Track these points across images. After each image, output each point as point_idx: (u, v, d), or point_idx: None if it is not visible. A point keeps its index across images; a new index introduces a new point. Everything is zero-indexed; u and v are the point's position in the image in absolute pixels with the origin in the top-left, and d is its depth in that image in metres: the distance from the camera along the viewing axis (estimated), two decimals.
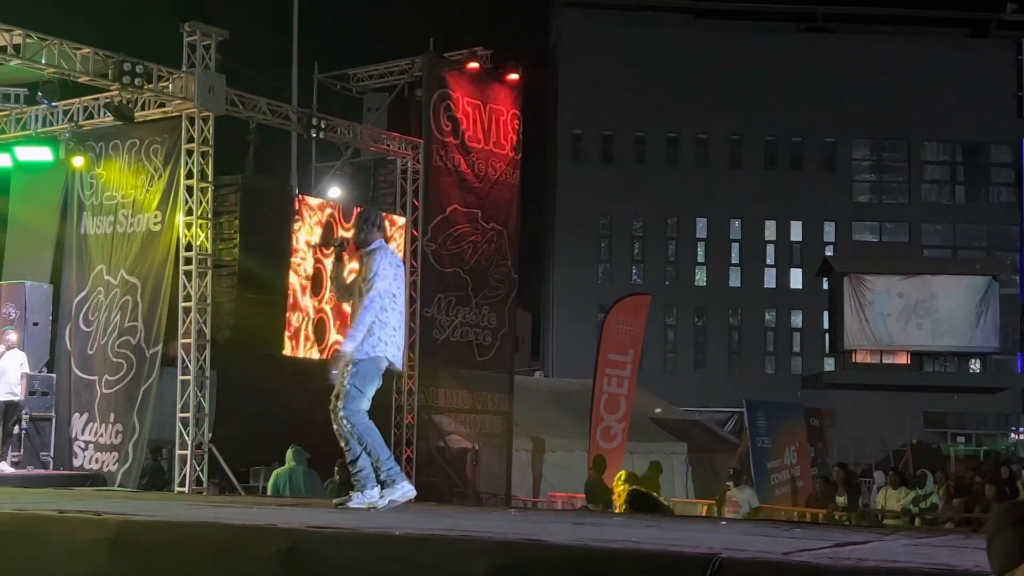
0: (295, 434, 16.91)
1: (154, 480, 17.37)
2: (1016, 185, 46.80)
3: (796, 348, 45.83)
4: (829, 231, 45.94)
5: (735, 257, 45.71)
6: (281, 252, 17.56)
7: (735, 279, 45.66)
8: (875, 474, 24.95)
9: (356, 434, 7.76)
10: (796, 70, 44.48)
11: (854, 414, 35.78)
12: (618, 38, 44.15)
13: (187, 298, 15.87)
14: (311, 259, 17.91)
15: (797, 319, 45.87)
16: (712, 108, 44.10)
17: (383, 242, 8.08)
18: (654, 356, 43.67)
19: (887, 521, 17.91)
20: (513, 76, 20.21)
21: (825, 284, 45.14)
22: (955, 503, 19.43)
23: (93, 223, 17.30)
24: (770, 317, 45.78)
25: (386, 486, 7.71)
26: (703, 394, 40.29)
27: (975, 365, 45.47)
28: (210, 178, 16.13)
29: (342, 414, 7.74)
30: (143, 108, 16.37)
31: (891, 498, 19.22)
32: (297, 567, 5.36)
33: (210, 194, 16.13)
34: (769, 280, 45.83)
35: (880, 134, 46.04)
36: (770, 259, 45.85)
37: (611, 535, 5.96)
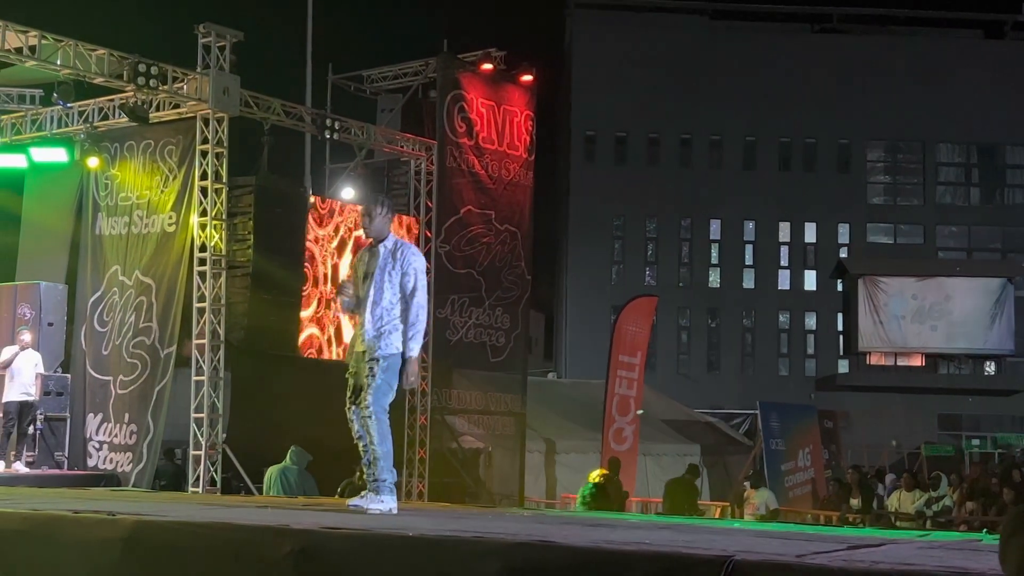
0: (308, 435, 16.94)
1: (173, 482, 17.25)
2: None
3: (810, 350, 45.71)
4: (843, 233, 45.81)
5: (749, 259, 45.61)
6: (295, 253, 17.60)
7: (749, 281, 45.56)
8: (886, 476, 24.88)
9: (382, 432, 7.52)
10: (811, 71, 44.37)
11: (868, 416, 35.75)
12: (632, 39, 44.10)
13: (201, 299, 15.91)
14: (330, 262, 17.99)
15: (811, 321, 45.75)
16: (726, 109, 44.03)
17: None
18: (668, 358, 43.67)
19: (901, 524, 17.86)
20: (527, 77, 20.23)
21: (839, 286, 45.03)
22: (969, 506, 19.37)
23: (108, 224, 17.36)
24: (784, 319, 45.67)
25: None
26: (717, 396, 40.22)
27: (990, 367, 45.31)
28: (224, 179, 16.17)
29: (372, 409, 7.46)
30: (158, 109, 16.42)
31: (905, 500, 19.17)
32: (310, 568, 5.36)
33: (224, 195, 16.17)
34: (783, 282, 45.71)
35: (895, 135, 45.90)
36: (784, 261, 45.73)
37: (624, 537, 5.96)
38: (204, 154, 16.02)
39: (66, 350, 17.42)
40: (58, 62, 15.05)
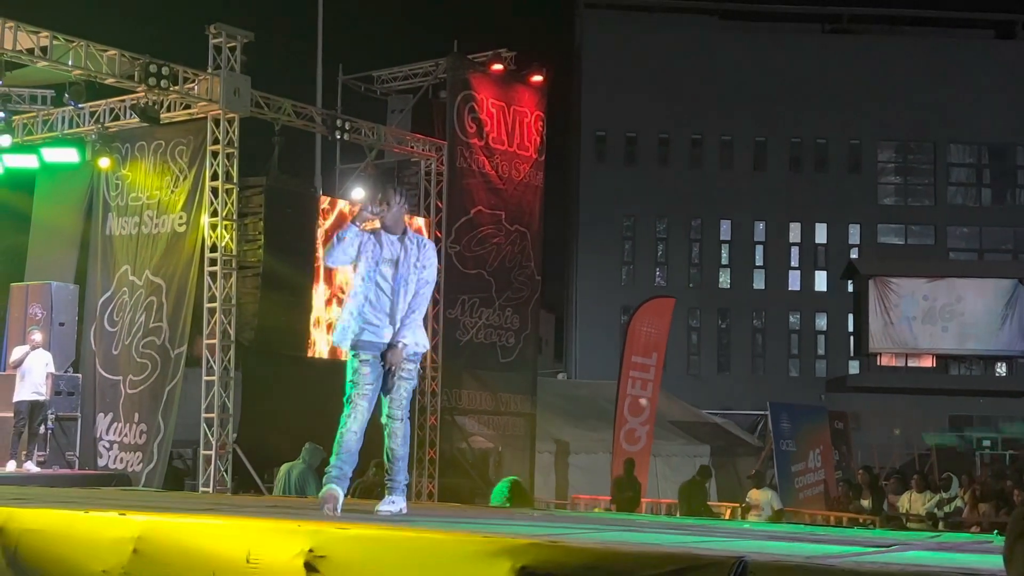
0: (319, 434, 16.94)
1: (172, 482, 17.25)
2: None
3: (820, 351, 45.63)
4: (854, 233, 45.71)
5: (759, 259, 45.54)
6: (305, 253, 17.62)
7: (759, 281, 45.49)
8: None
9: (407, 434, 7.32)
10: (821, 72, 44.29)
11: (879, 417, 35.65)
12: (642, 40, 44.07)
13: (212, 299, 15.94)
14: None
15: (822, 322, 45.66)
16: (736, 110, 43.98)
17: None
18: (678, 359, 43.57)
19: (911, 525, 17.83)
20: (537, 78, 20.24)
21: (850, 287, 44.94)
22: (981, 507, 19.31)
23: (118, 224, 17.40)
24: (794, 320, 45.59)
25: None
26: (727, 397, 40.16)
27: (1001, 368, 45.20)
28: (235, 179, 16.20)
29: (407, 412, 7.26)
30: (169, 110, 16.45)
31: (915, 502, 19.12)
32: (321, 568, 5.37)
33: (235, 195, 16.20)
34: (793, 282, 45.63)
35: (906, 136, 45.80)
36: (794, 261, 45.65)
37: (635, 537, 5.95)
38: (215, 154, 16.05)
39: (77, 350, 17.46)
40: (69, 63, 15.09)
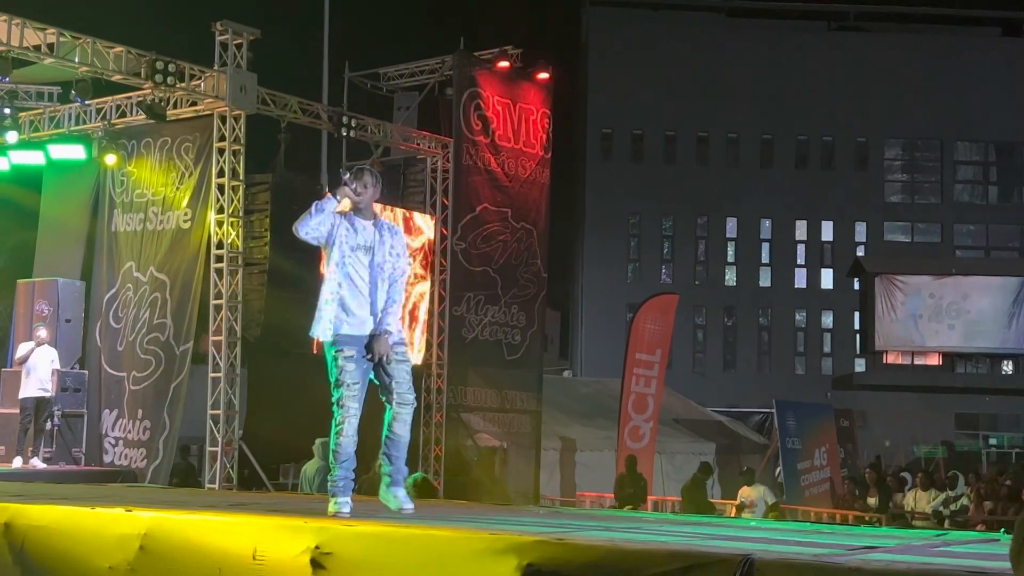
0: (325, 431, 16.93)
1: (185, 480, 17.36)
2: None
3: (827, 349, 45.58)
4: (860, 231, 45.65)
5: (765, 257, 45.49)
6: (311, 250, 17.59)
7: (765, 279, 45.44)
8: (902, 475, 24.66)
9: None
10: (827, 69, 44.22)
11: (885, 415, 35.65)
12: (648, 37, 44.04)
13: (218, 296, 15.95)
14: None
15: (828, 319, 45.61)
16: (743, 107, 43.93)
17: None
18: (683, 356, 43.56)
19: (917, 523, 17.82)
20: (543, 75, 20.21)
21: (856, 284, 44.90)
22: (987, 505, 19.31)
23: (123, 220, 17.42)
24: (800, 317, 45.54)
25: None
26: (733, 394, 40.13)
27: (1007, 366, 45.12)
28: (241, 176, 16.22)
29: (414, 396, 7.08)
30: (175, 107, 16.46)
31: (921, 500, 19.12)
32: (327, 564, 5.38)
33: (241, 192, 16.21)
34: (800, 280, 45.58)
35: (912, 134, 45.73)
36: (801, 259, 45.60)
37: (641, 535, 5.95)
38: (221, 151, 16.06)
39: (83, 346, 17.48)
40: (76, 60, 15.10)
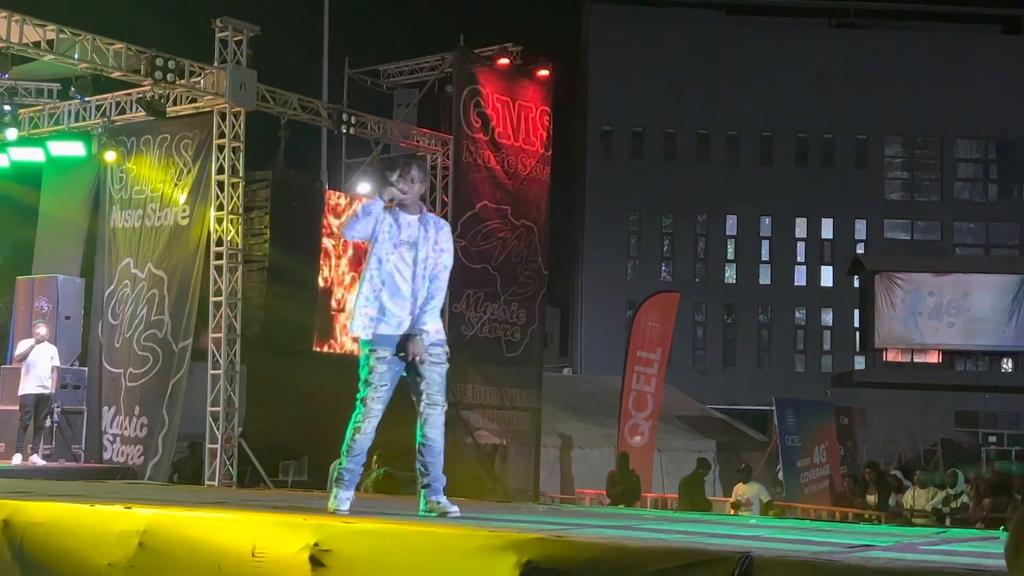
0: (325, 428, 16.94)
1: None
2: None
3: (826, 346, 45.58)
4: (860, 229, 45.65)
5: (765, 254, 45.48)
6: (311, 247, 17.63)
7: (765, 277, 45.44)
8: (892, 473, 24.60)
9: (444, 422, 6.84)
10: (828, 66, 44.20)
11: (885, 413, 35.62)
12: (649, 34, 44.03)
13: (217, 293, 15.95)
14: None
15: (827, 317, 45.60)
16: (743, 105, 43.92)
17: None
18: (683, 354, 43.56)
19: (917, 521, 17.81)
20: (543, 72, 20.19)
21: (856, 282, 44.87)
22: (985, 503, 19.28)
23: (121, 216, 17.42)
24: (800, 315, 45.54)
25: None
26: (732, 392, 40.16)
27: (1007, 364, 45.10)
28: (241, 173, 16.21)
29: (446, 398, 6.85)
30: (175, 103, 16.46)
31: (920, 497, 19.11)
32: (326, 562, 5.37)
33: (241, 189, 16.21)
34: (799, 278, 45.58)
35: (912, 131, 45.73)
36: (800, 257, 45.59)
37: (640, 532, 5.95)
38: (221, 148, 16.06)
39: (83, 343, 17.48)
40: (76, 56, 15.09)
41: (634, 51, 43.80)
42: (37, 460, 15.40)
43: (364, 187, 19.31)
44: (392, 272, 6.78)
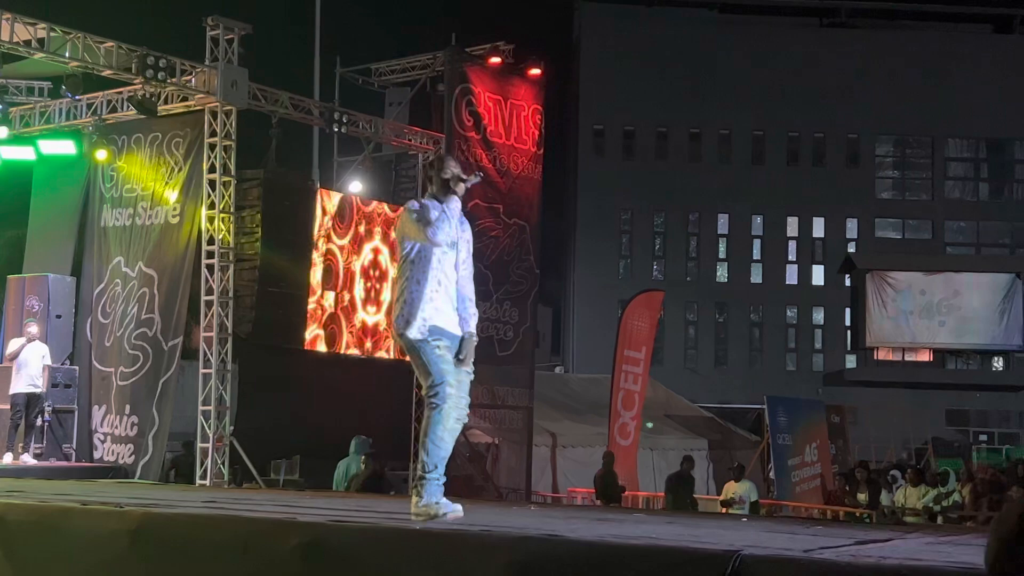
0: (315, 428, 16.96)
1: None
2: None
3: (818, 345, 45.65)
4: (852, 228, 45.73)
5: (757, 253, 45.53)
6: (303, 246, 17.60)
7: (757, 275, 45.49)
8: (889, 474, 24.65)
9: None
10: (819, 65, 44.27)
11: (876, 412, 35.66)
12: (640, 33, 44.04)
13: (209, 291, 15.91)
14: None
15: (819, 316, 45.67)
16: (734, 103, 43.96)
17: None
18: (675, 353, 43.63)
19: (908, 519, 17.84)
20: (535, 71, 20.17)
21: (847, 281, 44.96)
22: (982, 502, 19.31)
23: (112, 215, 17.37)
24: (792, 314, 45.60)
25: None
26: (724, 391, 40.20)
27: (998, 363, 45.21)
28: (232, 172, 16.17)
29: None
30: (166, 102, 16.41)
31: (911, 496, 19.13)
32: (317, 560, 5.37)
33: (232, 188, 16.17)
34: (791, 277, 45.64)
35: (903, 130, 45.81)
36: (792, 255, 45.65)
37: (631, 531, 5.96)
38: (212, 147, 16.01)
39: (73, 342, 17.44)
40: (66, 54, 15.05)
41: (626, 50, 43.82)
42: (28, 459, 15.37)
43: (355, 186, 19.29)
44: (444, 271, 6.71)
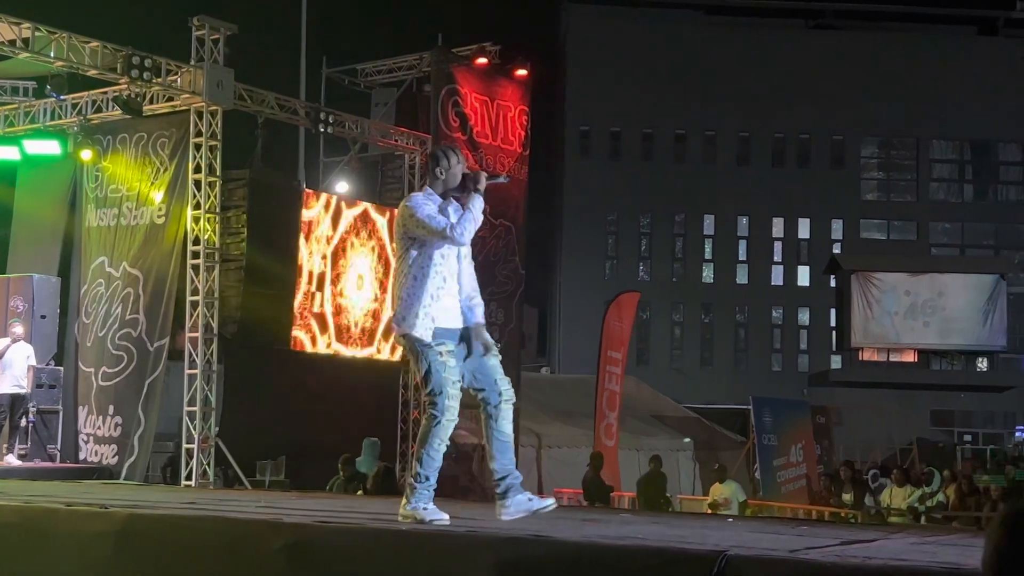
0: (301, 429, 16.93)
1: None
2: None
3: (803, 345, 45.75)
4: (837, 229, 45.85)
5: (742, 254, 45.61)
6: (288, 246, 17.57)
7: (742, 276, 45.57)
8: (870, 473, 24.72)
9: None
10: (805, 67, 44.36)
11: (861, 412, 35.72)
12: (627, 34, 44.08)
13: (194, 292, 15.87)
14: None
15: (804, 316, 45.77)
16: (720, 105, 44.02)
17: None
18: (660, 353, 43.69)
19: (893, 519, 17.88)
20: (521, 72, 20.18)
21: (832, 282, 45.04)
22: (968, 502, 19.38)
23: (96, 215, 17.31)
24: (777, 314, 45.69)
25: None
26: (710, 391, 40.24)
27: (982, 364, 45.34)
28: (218, 172, 16.14)
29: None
30: (151, 102, 16.38)
31: (896, 496, 19.18)
32: (303, 561, 5.36)
33: (218, 188, 16.14)
34: (776, 277, 45.73)
35: (888, 132, 45.94)
36: (777, 256, 45.74)
37: (617, 531, 5.96)
38: (198, 147, 15.97)
39: (59, 343, 17.38)
40: (51, 54, 15.00)
41: (612, 51, 43.86)
42: (12, 460, 15.31)
43: (341, 186, 19.27)
44: (451, 265, 6.62)
